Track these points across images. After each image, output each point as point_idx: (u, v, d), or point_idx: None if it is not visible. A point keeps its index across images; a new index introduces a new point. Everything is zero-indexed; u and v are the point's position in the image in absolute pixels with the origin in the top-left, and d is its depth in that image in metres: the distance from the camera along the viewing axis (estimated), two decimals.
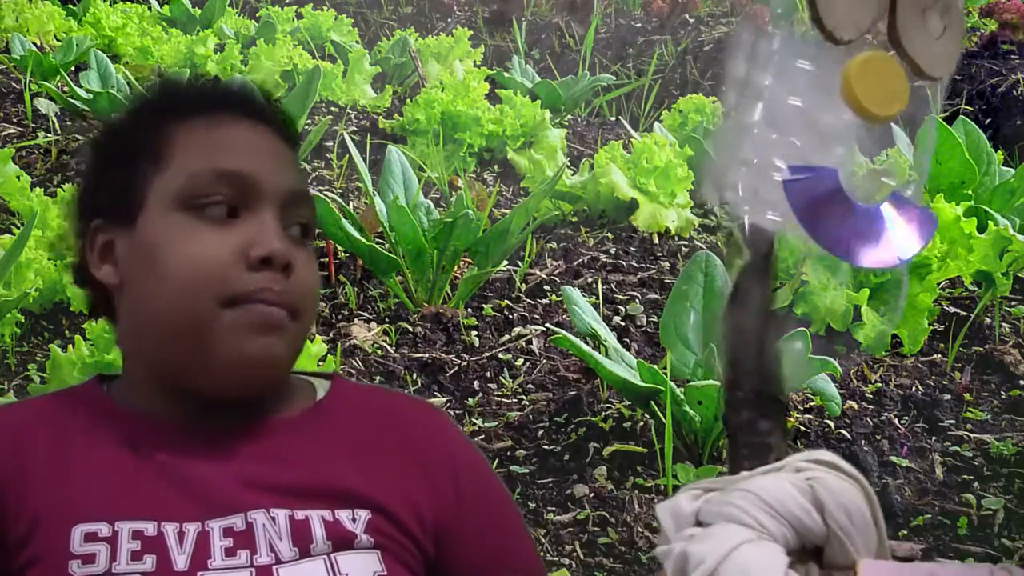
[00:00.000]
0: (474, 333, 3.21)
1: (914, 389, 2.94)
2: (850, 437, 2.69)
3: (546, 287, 3.52)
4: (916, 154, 1.56)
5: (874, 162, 2.97)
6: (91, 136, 1.23)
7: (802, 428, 2.71)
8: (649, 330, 3.27)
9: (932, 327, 3.16)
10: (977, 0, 6.23)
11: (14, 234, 3.23)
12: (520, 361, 3.08)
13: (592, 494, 2.48)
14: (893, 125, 0.95)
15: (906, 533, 2.39)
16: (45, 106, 4.78)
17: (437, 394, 2.93)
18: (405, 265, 3.29)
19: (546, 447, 2.68)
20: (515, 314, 3.33)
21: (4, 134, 4.62)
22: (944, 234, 3.10)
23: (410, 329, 3.20)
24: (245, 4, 7.87)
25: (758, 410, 0.94)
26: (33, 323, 3.16)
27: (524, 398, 2.92)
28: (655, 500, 2.45)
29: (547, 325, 3.20)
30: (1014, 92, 5.39)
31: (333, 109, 5.15)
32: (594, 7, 7.32)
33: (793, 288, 3.06)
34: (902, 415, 2.82)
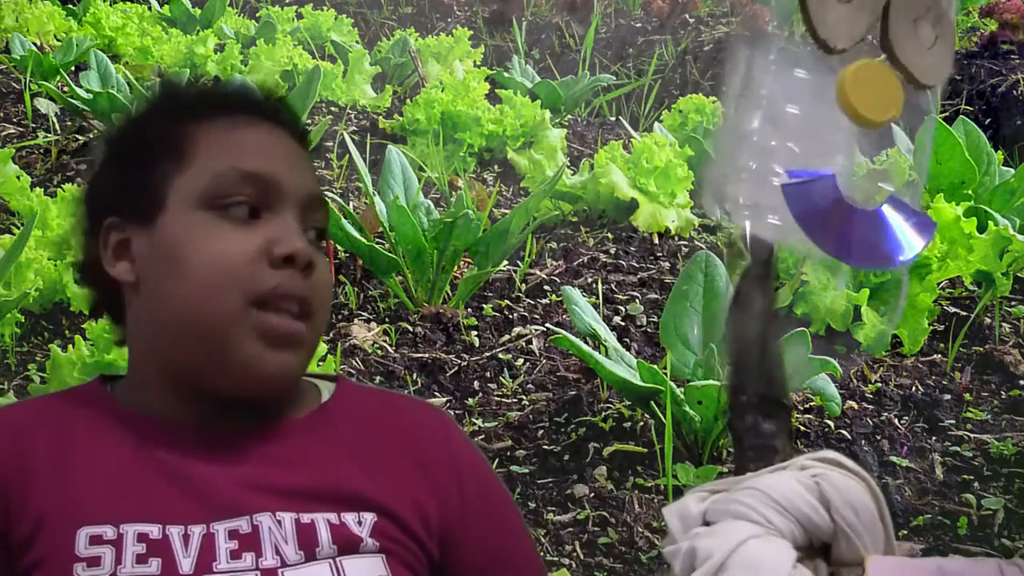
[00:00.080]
0: (474, 333, 3.21)
1: (914, 389, 2.94)
2: (850, 437, 2.69)
3: (546, 287, 3.52)
4: (916, 155, 1.56)
5: (874, 162, 2.97)
6: (104, 134, 1.22)
7: (802, 428, 2.72)
8: (649, 330, 3.27)
9: (932, 327, 3.16)
10: (977, 0, 6.23)
11: (14, 234, 3.23)
12: (520, 361, 3.09)
13: (592, 494, 2.48)
14: (893, 125, 0.95)
15: (906, 533, 2.39)
16: (45, 106, 4.78)
17: (437, 394, 2.93)
18: (405, 265, 3.30)
19: (546, 447, 2.68)
20: (515, 314, 3.33)
21: (4, 134, 4.62)
22: (944, 234, 3.10)
23: (410, 329, 3.20)
24: (245, 4, 7.86)
25: (762, 413, 0.95)
26: (33, 323, 3.16)
27: (524, 398, 2.92)
28: (655, 500, 2.46)
29: (547, 325, 3.21)
30: (1014, 92, 5.39)
31: (333, 109, 5.15)
32: (594, 7, 7.31)
33: (793, 288, 3.06)
34: (902, 415, 2.82)
